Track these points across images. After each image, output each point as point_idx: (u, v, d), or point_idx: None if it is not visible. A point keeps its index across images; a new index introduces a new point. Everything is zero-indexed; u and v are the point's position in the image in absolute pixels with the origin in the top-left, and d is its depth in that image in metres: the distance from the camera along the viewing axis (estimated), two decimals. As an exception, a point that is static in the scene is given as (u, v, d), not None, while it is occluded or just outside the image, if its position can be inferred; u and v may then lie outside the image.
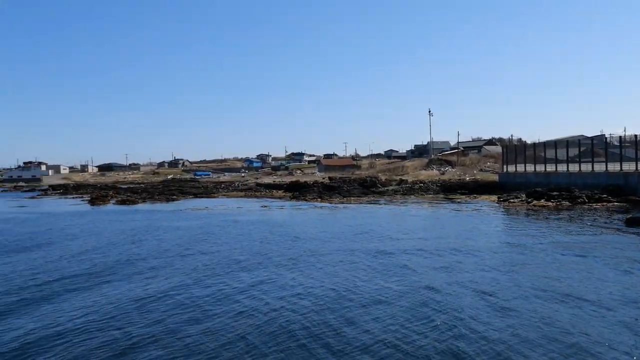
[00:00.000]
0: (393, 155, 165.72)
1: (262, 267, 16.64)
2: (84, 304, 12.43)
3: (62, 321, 10.99)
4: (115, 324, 10.74)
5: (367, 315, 10.99)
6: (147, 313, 11.50)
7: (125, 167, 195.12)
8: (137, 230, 27.75)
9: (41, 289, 14.14)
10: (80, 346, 9.45)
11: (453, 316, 10.68)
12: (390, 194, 52.37)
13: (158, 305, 12.18)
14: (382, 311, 11.24)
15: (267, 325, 10.42)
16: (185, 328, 10.35)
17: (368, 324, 10.36)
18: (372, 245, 20.42)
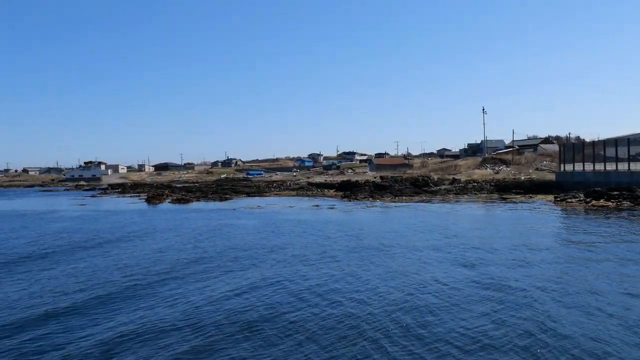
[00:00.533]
0: (445, 154, 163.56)
1: (337, 261, 17.23)
2: (188, 297, 12.93)
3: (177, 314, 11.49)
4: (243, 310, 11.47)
5: (452, 307, 11.37)
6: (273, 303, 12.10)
7: (180, 166, 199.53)
8: (210, 228, 28.24)
9: (139, 282, 14.79)
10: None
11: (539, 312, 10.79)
12: (443, 193, 51.64)
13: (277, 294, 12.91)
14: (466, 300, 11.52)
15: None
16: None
17: (459, 313, 10.71)
18: (432, 242, 20.51)
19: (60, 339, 9.91)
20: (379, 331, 9.85)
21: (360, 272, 15.30)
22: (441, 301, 11.81)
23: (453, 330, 9.78)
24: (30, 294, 13.59)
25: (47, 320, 11.21)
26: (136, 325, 10.62)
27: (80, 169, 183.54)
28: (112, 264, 17.79)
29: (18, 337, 10.12)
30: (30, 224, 33.39)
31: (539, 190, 47.87)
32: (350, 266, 16.18)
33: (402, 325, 10.17)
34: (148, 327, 10.47)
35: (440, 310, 11.14)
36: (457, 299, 11.97)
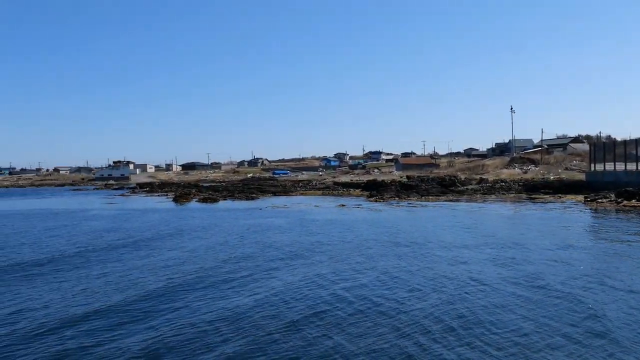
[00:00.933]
0: (473, 154, 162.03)
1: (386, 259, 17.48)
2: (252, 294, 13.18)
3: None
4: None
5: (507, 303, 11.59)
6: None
7: (207, 165, 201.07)
8: (242, 227, 28.53)
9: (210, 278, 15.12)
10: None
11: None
12: (470, 193, 51.19)
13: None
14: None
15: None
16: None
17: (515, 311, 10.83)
18: (467, 242, 20.60)
19: (119, 335, 10.17)
20: (423, 331, 9.95)
21: (400, 272, 15.32)
22: (486, 302, 11.80)
23: (502, 331, 9.82)
24: (83, 291, 13.93)
25: (106, 316, 11.50)
26: (183, 325, 10.75)
27: (110, 169, 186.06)
28: (152, 264, 18.12)
29: (74, 334, 10.33)
30: (70, 222, 34.01)
31: (569, 190, 47.13)
32: (388, 266, 16.21)
33: (451, 325, 10.22)
34: (197, 326, 10.61)
35: (486, 310, 11.14)
36: (500, 300, 11.96)
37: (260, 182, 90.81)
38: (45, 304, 12.57)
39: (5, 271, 16.85)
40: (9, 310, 12.05)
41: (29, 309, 12.12)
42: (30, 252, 20.75)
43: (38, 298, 13.15)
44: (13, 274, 16.31)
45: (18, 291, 13.92)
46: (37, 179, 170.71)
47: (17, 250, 21.50)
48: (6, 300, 12.93)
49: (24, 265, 17.82)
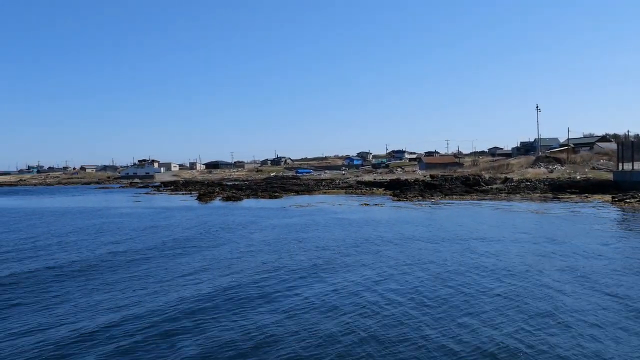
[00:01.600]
0: (497, 153, 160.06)
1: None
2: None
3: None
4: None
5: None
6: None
7: (230, 164, 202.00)
8: (289, 225, 28.77)
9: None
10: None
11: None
12: (495, 192, 50.66)
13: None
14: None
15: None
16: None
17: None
18: (502, 241, 20.62)
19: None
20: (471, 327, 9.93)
21: (443, 271, 15.36)
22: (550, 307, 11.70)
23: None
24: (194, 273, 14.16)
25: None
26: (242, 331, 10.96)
27: (135, 167, 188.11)
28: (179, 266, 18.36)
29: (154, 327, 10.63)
30: (115, 221, 34.65)
31: (596, 190, 46.38)
32: (427, 266, 16.24)
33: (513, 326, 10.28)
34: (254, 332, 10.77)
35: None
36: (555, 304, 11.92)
37: (283, 180, 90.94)
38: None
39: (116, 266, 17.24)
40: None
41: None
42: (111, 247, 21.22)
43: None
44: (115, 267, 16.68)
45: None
46: (64, 177, 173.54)
47: (105, 246, 22.06)
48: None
49: (132, 256, 18.58)
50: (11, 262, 18.59)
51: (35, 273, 16.44)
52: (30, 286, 14.53)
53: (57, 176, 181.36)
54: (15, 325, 10.97)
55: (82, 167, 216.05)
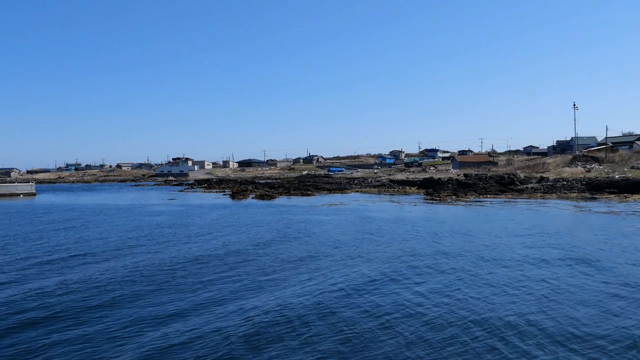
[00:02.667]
0: (533, 152, 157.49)
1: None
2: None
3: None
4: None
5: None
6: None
7: (263, 163, 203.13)
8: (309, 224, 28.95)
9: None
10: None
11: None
12: (530, 192, 49.88)
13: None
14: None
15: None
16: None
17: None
18: (543, 243, 20.25)
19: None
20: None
21: (482, 272, 15.17)
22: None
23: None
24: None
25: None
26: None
27: (169, 165, 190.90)
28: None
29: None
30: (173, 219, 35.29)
31: (635, 190, 45.24)
32: (468, 267, 16.06)
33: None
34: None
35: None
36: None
37: (316, 179, 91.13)
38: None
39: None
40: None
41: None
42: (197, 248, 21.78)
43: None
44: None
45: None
46: (101, 175, 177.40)
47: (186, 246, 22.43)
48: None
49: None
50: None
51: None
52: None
53: (94, 174, 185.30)
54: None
55: (118, 165, 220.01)
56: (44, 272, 16.24)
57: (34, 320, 11.09)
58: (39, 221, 33.33)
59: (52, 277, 15.33)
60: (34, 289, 13.77)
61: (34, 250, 20.64)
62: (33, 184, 76.50)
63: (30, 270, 16.49)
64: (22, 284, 14.46)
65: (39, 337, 10.01)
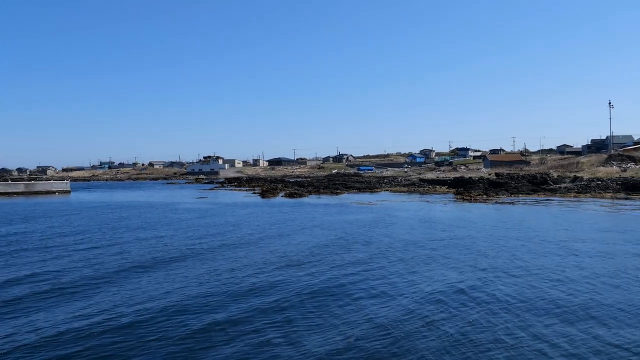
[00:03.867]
0: (566, 151, 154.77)
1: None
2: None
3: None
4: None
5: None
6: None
7: (292, 161, 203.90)
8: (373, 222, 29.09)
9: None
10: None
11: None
12: (563, 191, 49.07)
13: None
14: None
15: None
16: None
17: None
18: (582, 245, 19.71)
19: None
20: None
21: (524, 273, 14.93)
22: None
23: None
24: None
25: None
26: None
27: (200, 163, 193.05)
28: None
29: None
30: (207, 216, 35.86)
31: (673, 190, 44.17)
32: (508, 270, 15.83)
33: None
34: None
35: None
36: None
37: (345, 178, 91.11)
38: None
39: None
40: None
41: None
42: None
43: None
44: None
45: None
46: (133, 173, 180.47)
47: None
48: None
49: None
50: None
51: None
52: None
53: (127, 172, 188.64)
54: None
55: (151, 163, 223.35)
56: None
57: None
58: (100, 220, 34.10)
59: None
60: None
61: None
62: (68, 182, 78.37)
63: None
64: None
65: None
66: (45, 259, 18.24)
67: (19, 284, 14.25)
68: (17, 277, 15.10)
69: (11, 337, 9.75)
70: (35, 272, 15.81)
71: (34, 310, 11.65)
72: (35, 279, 14.85)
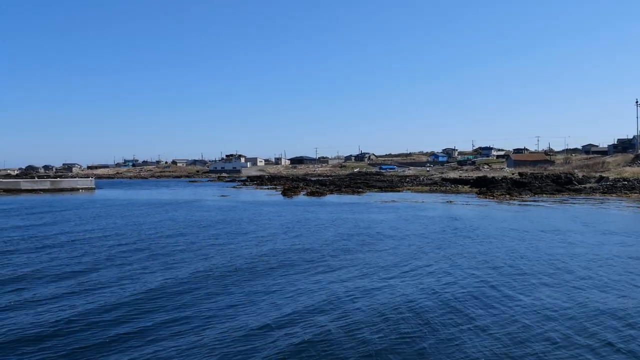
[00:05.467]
0: (592, 150, 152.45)
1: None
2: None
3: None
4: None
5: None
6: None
7: (314, 160, 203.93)
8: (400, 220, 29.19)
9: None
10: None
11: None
12: (588, 191, 48.44)
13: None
14: None
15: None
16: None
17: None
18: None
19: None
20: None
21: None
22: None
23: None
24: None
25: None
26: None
27: (222, 162, 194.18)
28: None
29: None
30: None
31: (701, 191, 43.32)
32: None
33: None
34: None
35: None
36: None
37: (367, 176, 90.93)
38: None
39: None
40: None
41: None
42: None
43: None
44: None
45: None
46: (157, 171, 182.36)
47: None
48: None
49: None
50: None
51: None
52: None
53: (150, 169, 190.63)
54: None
55: (174, 161, 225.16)
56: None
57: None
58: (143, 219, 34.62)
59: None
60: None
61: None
62: (93, 179, 79.52)
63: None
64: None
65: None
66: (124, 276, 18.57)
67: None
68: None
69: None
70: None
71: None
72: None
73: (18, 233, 24.54)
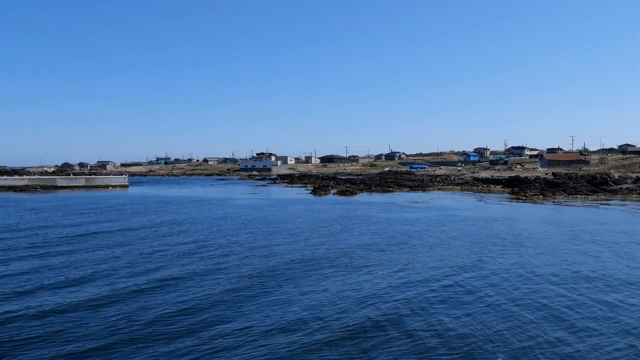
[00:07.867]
0: (629, 151, 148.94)
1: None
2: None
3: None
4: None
5: None
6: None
7: (344, 158, 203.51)
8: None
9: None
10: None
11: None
12: (624, 192, 47.39)
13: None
14: None
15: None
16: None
17: None
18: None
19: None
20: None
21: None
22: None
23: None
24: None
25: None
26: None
27: (253, 160, 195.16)
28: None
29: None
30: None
31: None
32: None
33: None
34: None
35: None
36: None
37: (397, 176, 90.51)
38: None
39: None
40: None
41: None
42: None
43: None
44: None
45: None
46: (188, 169, 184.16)
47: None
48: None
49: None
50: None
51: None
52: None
53: (182, 167, 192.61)
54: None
55: (205, 159, 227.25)
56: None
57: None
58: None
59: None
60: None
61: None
62: (126, 177, 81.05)
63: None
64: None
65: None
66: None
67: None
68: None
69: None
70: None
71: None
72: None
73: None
